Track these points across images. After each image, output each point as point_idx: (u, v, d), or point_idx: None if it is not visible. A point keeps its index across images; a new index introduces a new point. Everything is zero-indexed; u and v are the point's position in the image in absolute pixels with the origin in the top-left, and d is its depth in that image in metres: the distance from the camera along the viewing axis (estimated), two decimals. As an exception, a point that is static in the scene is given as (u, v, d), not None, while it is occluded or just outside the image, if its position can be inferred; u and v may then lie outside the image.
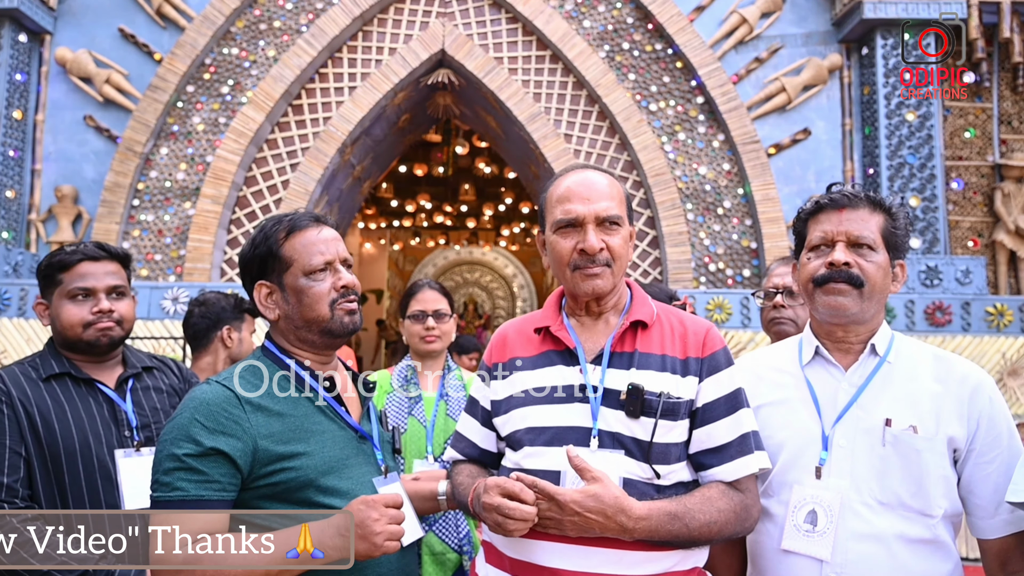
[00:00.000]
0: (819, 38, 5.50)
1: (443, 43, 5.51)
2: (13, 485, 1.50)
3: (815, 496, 1.29)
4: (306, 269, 1.33)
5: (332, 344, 1.36)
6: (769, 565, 1.34)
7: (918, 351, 1.38)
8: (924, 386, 1.32)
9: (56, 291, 1.65)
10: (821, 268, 1.34)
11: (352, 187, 6.49)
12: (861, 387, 1.34)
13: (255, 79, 5.49)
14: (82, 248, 1.67)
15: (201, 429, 1.19)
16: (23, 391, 1.57)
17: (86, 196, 5.45)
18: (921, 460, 1.27)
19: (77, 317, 1.63)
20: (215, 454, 1.18)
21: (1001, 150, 5.52)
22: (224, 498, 1.19)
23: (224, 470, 1.19)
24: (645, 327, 1.32)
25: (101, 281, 1.66)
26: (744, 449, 1.26)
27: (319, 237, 1.34)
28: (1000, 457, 1.29)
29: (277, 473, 1.22)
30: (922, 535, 1.26)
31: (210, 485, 1.18)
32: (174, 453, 1.19)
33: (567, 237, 1.31)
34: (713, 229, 5.46)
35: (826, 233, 1.36)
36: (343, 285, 1.32)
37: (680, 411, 1.26)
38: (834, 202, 1.37)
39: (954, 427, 1.29)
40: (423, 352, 2.23)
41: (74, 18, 5.55)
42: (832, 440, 1.32)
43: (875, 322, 1.38)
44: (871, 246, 1.34)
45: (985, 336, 5.02)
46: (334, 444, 1.28)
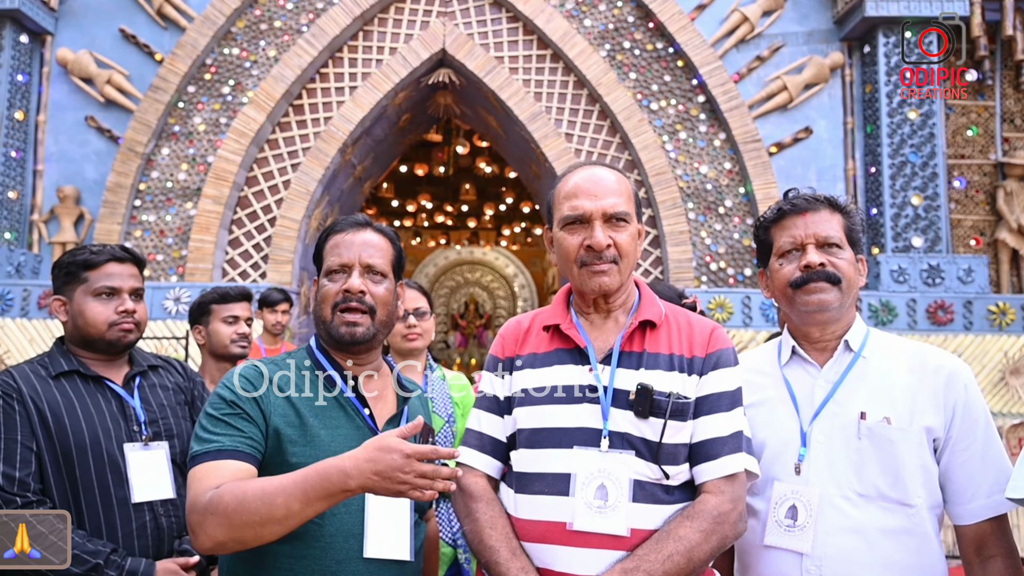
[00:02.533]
0: (821, 36, 5.50)
1: (444, 43, 5.51)
2: (25, 479, 1.52)
3: (795, 492, 1.33)
4: (326, 269, 1.36)
5: (342, 349, 1.34)
6: (752, 560, 1.37)
7: (893, 345, 1.42)
8: (898, 379, 1.36)
9: (80, 288, 1.68)
10: (796, 272, 1.39)
11: (353, 187, 6.49)
12: (836, 383, 1.38)
13: (256, 79, 5.50)
14: (108, 249, 1.72)
15: (229, 393, 1.26)
16: (33, 388, 1.59)
17: (88, 197, 5.46)
18: (896, 451, 1.30)
19: (103, 315, 1.67)
20: (244, 414, 1.23)
21: (1004, 148, 5.51)
22: (254, 453, 1.22)
23: (253, 429, 1.23)
24: (653, 327, 1.31)
25: (126, 282, 1.71)
26: (735, 447, 1.27)
27: (344, 239, 1.35)
28: (976, 444, 1.32)
29: (281, 455, 1.23)
30: (902, 525, 1.29)
31: (241, 438, 1.21)
32: (208, 413, 1.24)
33: (574, 233, 1.30)
34: (714, 228, 5.45)
35: (795, 237, 1.40)
36: (344, 289, 1.31)
37: (688, 411, 1.26)
38: (796, 207, 1.42)
39: (930, 417, 1.32)
40: (405, 350, 2.25)
41: (75, 19, 5.55)
42: (810, 436, 1.35)
43: (848, 318, 1.42)
44: (839, 244, 1.39)
45: (987, 335, 5.01)
46: (346, 441, 1.27)
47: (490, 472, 1.35)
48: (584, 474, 1.20)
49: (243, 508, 1.09)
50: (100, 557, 1.49)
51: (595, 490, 1.20)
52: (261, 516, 1.09)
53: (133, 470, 1.60)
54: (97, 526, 1.55)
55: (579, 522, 1.20)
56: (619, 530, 1.19)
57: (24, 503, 1.49)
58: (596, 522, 1.19)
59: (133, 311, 1.69)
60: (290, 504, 1.08)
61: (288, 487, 1.10)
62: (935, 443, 1.33)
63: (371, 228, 1.38)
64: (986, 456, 1.32)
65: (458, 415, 2.23)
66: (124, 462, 1.61)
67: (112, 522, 1.57)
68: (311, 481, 1.09)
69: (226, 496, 1.12)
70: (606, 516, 1.20)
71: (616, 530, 1.19)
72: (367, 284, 1.33)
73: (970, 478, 1.31)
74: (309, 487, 1.09)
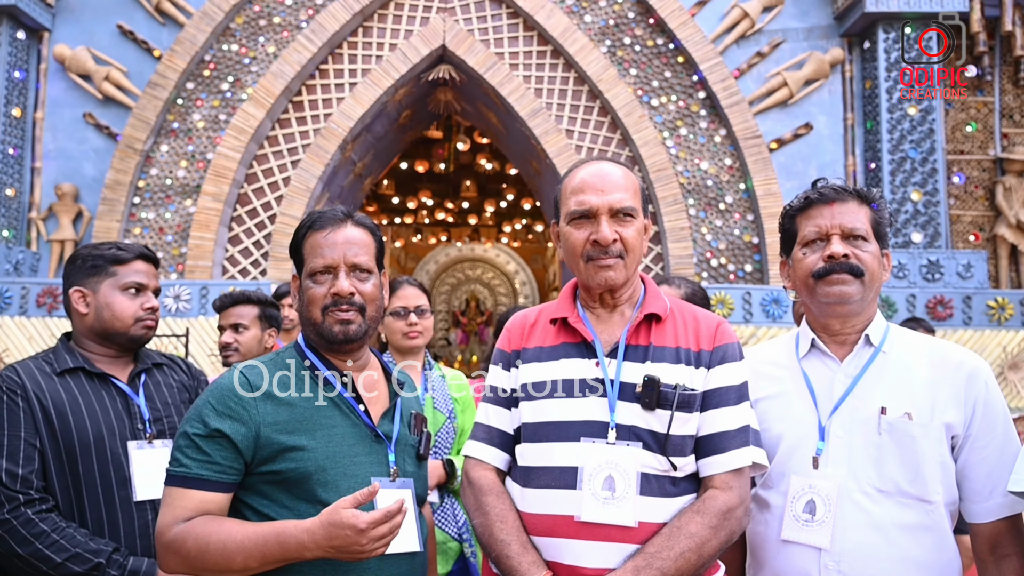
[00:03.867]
0: (821, 32, 5.49)
1: (444, 39, 5.49)
2: (28, 476, 1.51)
3: (813, 486, 1.31)
4: (310, 270, 1.32)
5: (334, 349, 1.33)
6: (769, 555, 1.35)
7: (913, 340, 1.41)
8: (919, 374, 1.34)
9: (107, 282, 1.70)
10: (819, 262, 1.36)
11: (353, 184, 6.48)
12: (856, 377, 1.36)
13: (255, 76, 5.48)
14: (135, 246, 1.77)
15: (211, 411, 1.24)
16: (38, 385, 1.58)
17: (87, 194, 5.44)
18: (917, 446, 1.29)
19: (130, 310, 1.70)
20: (219, 436, 1.22)
21: (1003, 144, 5.52)
22: (223, 480, 1.22)
23: (226, 453, 1.21)
24: (659, 320, 1.32)
25: (151, 281, 1.76)
26: (743, 440, 1.27)
27: (327, 239, 1.32)
28: (995, 442, 1.31)
29: (279, 462, 1.22)
30: (921, 521, 1.28)
31: (211, 466, 1.21)
32: (186, 431, 1.25)
33: (581, 228, 1.31)
34: (715, 224, 5.46)
35: (820, 227, 1.38)
36: (334, 292, 1.29)
37: (695, 403, 1.26)
38: (824, 197, 1.39)
39: (951, 413, 1.31)
40: (406, 348, 2.24)
41: (72, 15, 5.53)
42: (829, 430, 1.34)
43: (869, 312, 1.40)
44: (864, 237, 1.37)
45: (986, 330, 5.03)
46: (343, 440, 1.27)
47: (499, 465, 1.35)
48: (591, 466, 1.21)
49: (203, 557, 1.17)
50: (102, 556, 1.49)
51: (603, 481, 1.21)
52: (220, 568, 1.17)
53: (136, 468, 1.60)
54: (99, 524, 1.55)
55: (587, 513, 1.20)
56: (627, 521, 1.19)
57: (27, 500, 1.49)
58: (604, 513, 1.20)
59: (157, 308, 1.75)
60: (248, 563, 1.16)
61: (248, 547, 1.16)
62: (953, 440, 1.32)
63: (351, 222, 1.35)
64: (1004, 454, 1.30)
65: (458, 411, 2.24)
66: (128, 460, 1.61)
67: (114, 520, 1.56)
68: (269, 546, 1.15)
69: (189, 541, 1.17)
70: (614, 507, 1.20)
71: (624, 521, 1.19)
72: (355, 284, 1.31)
73: (988, 476, 1.30)
74: (268, 551, 1.15)
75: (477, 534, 1.30)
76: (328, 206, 6.31)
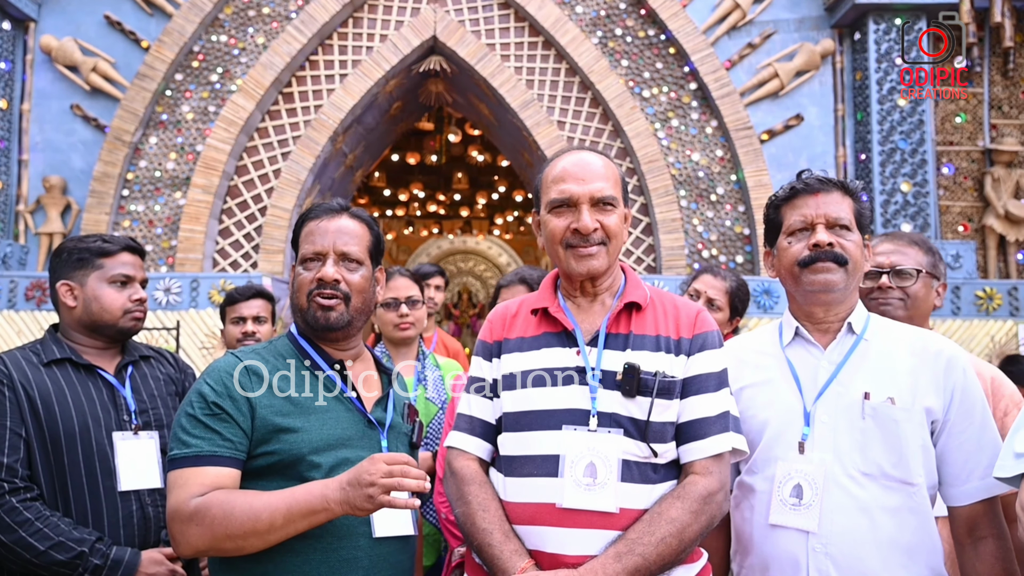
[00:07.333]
0: (812, 23, 5.50)
1: (435, 30, 5.46)
2: (13, 465, 1.52)
3: (800, 470, 1.34)
4: (301, 257, 1.36)
5: (319, 336, 1.36)
6: (756, 540, 1.38)
7: (893, 329, 1.45)
8: (900, 360, 1.38)
9: (94, 274, 1.70)
10: (805, 251, 1.40)
11: (344, 176, 6.45)
12: (840, 364, 1.39)
13: (244, 67, 5.43)
14: (120, 238, 1.77)
15: (211, 391, 1.25)
16: (24, 374, 1.59)
17: (75, 186, 5.39)
18: (900, 430, 1.32)
19: (119, 302, 1.70)
20: (223, 413, 1.23)
21: (991, 135, 5.55)
22: (236, 456, 1.23)
23: (234, 430, 1.23)
24: (639, 309, 1.33)
25: (139, 272, 1.76)
26: (723, 427, 1.28)
27: (319, 226, 1.35)
28: (972, 427, 1.34)
29: (273, 443, 1.24)
30: (904, 504, 1.31)
31: (222, 443, 1.22)
32: (189, 413, 1.25)
33: (561, 216, 1.32)
34: (706, 216, 5.47)
35: (805, 216, 1.41)
36: (319, 277, 1.32)
37: (675, 390, 1.28)
38: (809, 187, 1.43)
39: (930, 399, 1.34)
40: (398, 339, 2.24)
41: (59, 5, 5.46)
42: (814, 416, 1.36)
43: (852, 301, 1.44)
44: (847, 226, 1.41)
45: (975, 320, 5.07)
46: (336, 424, 1.29)
47: (481, 455, 1.36)
48: (573, 453, 1.22)
49: (229, 520, 1.15)
50: (85, 545, 1.50)
51: (584, 468, 1.22)
52: (245, 529, 1.15)
53: (121, 458, 1.61)
54: (84, 514, 1.56)
55: (568, 499, 1.21)
56: (608, 507, 1.20)
57: (11, 488, 1.49)
58: (585, 499, 1.21)
59: (145, 300, 1.74)
60: (274, 519, 1.16)
61: (274, 502, 1.16)
62: (933, 425, 1.35)
63: (347, 214, 1.38)
64: (982, 439, 1.34)
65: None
66: (113, 451, 1.61)
67: (99, 510, 1.57)
68: (297, 495, 1.17)
69: (213, 507, 1.16)
70: (595, 493, 1.21)
71: (605, 507, 1.20)
72: (342, 272, 1.33)
73: (966, 460, 1.33)
74: (294, 501, 1.17)
75: (459, 524, 1.30)
76: (319, 198, 6.26)
